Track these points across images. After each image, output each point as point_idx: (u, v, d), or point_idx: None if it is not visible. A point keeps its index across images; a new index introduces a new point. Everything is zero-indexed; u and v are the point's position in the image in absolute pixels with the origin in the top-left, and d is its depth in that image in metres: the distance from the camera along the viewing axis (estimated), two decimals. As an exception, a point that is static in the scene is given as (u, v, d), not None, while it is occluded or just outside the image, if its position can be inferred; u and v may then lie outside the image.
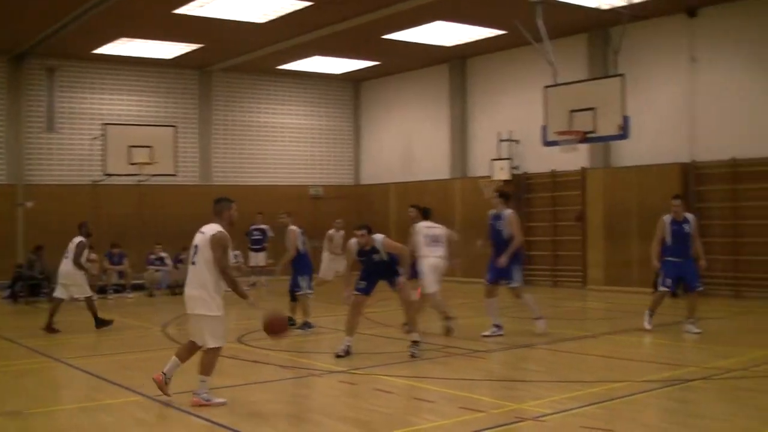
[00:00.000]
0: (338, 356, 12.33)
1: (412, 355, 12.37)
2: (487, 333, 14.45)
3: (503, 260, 14.17)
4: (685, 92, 21.65)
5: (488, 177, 25.49)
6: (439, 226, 14.91)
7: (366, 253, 12.63)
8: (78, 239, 16.24)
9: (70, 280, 16.12)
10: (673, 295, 17.69)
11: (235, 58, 26.76)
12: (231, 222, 9.61)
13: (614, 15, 20.33)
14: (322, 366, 11.79)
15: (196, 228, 9.55)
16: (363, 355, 12.39)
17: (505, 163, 25.31)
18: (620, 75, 17.17)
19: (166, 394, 9.43)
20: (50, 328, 15.91)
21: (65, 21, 21.57)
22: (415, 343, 12.57)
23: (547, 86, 18.35)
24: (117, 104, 27.24)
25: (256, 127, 29.87)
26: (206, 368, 9.32)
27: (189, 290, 9.43)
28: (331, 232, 22.18)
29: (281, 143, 30.39)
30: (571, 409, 8.86)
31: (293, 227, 15.90)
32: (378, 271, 12.70)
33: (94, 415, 9.10)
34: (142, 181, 24.82)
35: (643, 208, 21.92)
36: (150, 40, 24.05)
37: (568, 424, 8.28)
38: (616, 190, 22.80)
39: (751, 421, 8.27)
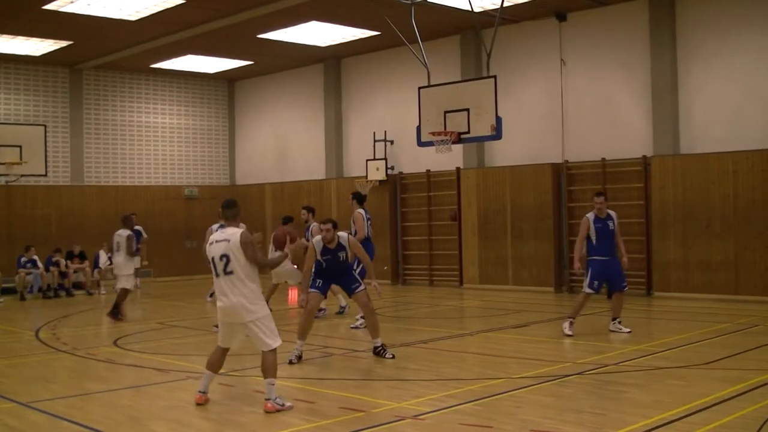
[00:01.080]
0: (291, 362, 11.81)
1: (385, 356, 12.20)
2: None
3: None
4: (556, 94, 22.12)
5: (364, 177, 25.59)
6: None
7: (331, 252, 12.05)
8: (126, 233, 17.90)
9: (121, 271, 17.96)
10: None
11: (106, 56, 26.18)
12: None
13: (486, 18, 20.65)
14: (199, 369, 11.64)
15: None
16: (239, 357, 12.30)
17: (380, 164, 25.44)
18: (492, 77, 17.38)
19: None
20: (116, 315, 17.75)
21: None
22: (381, 347, 12.31)
23: (421, 87, 18.48)
24: (-18, 102, 26.46)
25: (129, 126, 29.27)
26: (271, 371, 9.20)
27: (231, 300, 9.17)
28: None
29: (155, 143, 29.89)
30: (451, 407, 8.98)
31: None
32: (337, 273, 12.24)
33: (-37, 424, 8.83)
34: (10, 181, 24.06)
35: (516, 208, 22.36)
36: (18, 36, 23.34)
37: (447, 422, 8.38)
38: (490, 189, 23.12)
39: (623, 414, 8.50)
